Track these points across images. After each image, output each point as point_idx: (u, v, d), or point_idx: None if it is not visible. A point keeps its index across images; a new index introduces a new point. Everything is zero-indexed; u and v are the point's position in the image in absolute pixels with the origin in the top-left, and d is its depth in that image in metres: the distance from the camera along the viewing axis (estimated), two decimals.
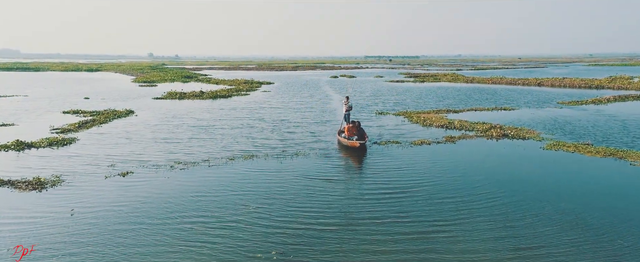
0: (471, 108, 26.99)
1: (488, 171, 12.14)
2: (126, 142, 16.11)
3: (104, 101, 31.20)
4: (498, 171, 12.27)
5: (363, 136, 15.55)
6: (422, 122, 20.95)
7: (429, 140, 16.47)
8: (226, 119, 22.08)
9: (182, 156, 14.01)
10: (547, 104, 28.91)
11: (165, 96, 34.54)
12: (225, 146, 15.57)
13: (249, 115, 23.57)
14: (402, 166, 12.72)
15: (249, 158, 13.69)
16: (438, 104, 29.20)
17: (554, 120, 21.37)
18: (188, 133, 18.09)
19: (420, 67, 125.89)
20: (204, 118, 22.48)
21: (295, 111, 25.62)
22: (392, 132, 18.61)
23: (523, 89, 42.87)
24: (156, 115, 23.82)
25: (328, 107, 27.83)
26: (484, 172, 11.99)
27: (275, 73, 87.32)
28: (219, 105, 29.26)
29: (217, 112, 24.85)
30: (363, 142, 14.74)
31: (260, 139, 16.89)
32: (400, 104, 29.78)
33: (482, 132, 18.12)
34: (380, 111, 25.47)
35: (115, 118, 22.42)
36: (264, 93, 39.06)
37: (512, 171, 12.24)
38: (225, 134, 17.89)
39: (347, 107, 18.72)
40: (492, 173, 11.95)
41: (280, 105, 28.63)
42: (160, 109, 26.79)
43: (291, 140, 16.65)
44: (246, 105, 28.97)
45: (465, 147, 15.47)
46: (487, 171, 12.21)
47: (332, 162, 13.35)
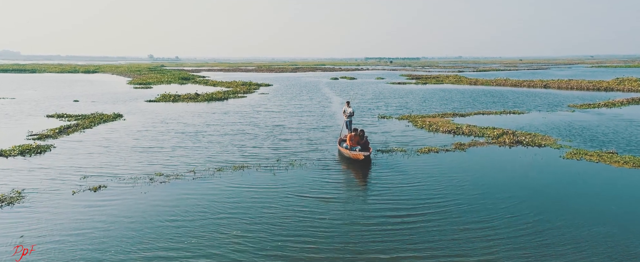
0: (478, 111, 25.64)
1: (508, 186, 10.74)
2: (105, 151, 14.69)
3: (93, 104, 29.86)
4: (519, 186, 10.85)
5: (367, 146, 13.98)
6: (428, 127, 19.59)
7: (437, 147, 15.10)
8: (217, 125, 20.62)
9: (164, 166, 12.61)
10: (557, 107, 27.55)
11: (159, 99, 33.24)
12: (213, 155, 14.15)
13: (242, 120, 22.12)
14: (410, 180, 11.27)
15: (238, 169, 12.30)
16: (443, 107, 27.85)
17: (569, 126, 19.97)
18: (174, 140, 16.67)
19: (422, 68, 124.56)
20: (193, 123, 21.02)
21: (292, 115, 24.18)
22: (397, 138, 17.24)
23: (529, 91, 41.52)
24: (145, 119, 22.45)
25: (327, 111, 26.47)
26: (503, 188, 10.58)
27: (274, 75, 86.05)
28: (213, 108, 27.91)
29: (208, 117, 23.41)
30: (368, 154, 12.96)
31: (252, 147, 15.41)
32: (403, 107, 28.40)
33: (494, 139, 16.75)
34: (383, 115, 24.07)
35: (101, 123, 21.06)
36: (262, 95, 37.73)
37: (535, 186, 10.82)
38: (214, 141, 16.44)
39: (348, 113, 17.14)
40: (512, 189, 10.54)
41: (277, 109, 27.22)
42: (151, 112, 25.44)
43: (286, 149, 15.18)
44: (241, 108, 27.59)
45: (477, 156, 14.07)
46: (506, 186, 10.81)
47: (330, 176, 11.83)
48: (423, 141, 16.65)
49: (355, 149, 13.60)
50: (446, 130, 18.91)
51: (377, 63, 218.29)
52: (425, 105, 29.05)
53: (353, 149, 13.66)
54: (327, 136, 17.65)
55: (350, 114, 17.04)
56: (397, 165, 12.82)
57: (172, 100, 33.00)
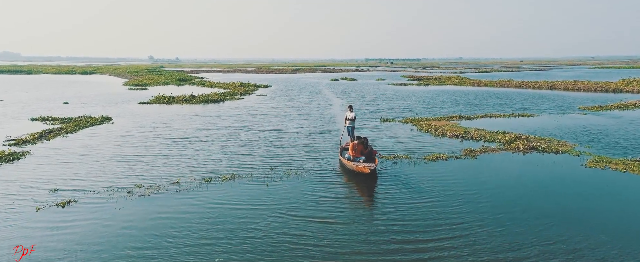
0: (485, 114, 24.44)
1: (532, 203, 9.46)
2: (82, 159, 13.42)
3: (84, 106, 28.65)
4: (544, 202, 9.58)
5: (372, 156, 12.60)
6: (434, 132, 18.41)
7: (445, 154, 13.90)
8: (209, 129, 19.31)
9: (145, 177, 11.39)
10: (568, 110, 26.30)
11: (153, 101, 32.06)
12: (201, 164, 12.89)
13: (235, 124, 20.77)
14: (419, 195, 9.98)
15: (227, 180, 11.08)
16: (448, 110, 26.61)
17: (584, 130, 18.72)
18: (160, 147, 15.38)
19: (423, 69, 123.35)
20: (183, 128, 19.68)
21: (289, 119, 22.83)
22: (401, 143, 16.03)
23: (535, 92, 40.32)
24: (134, 123, 21.20)
25: (327, 114, 25.21)
26: (528, 206, 9.28)
27: (274, 76, 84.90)
28: (207, 111, 26.73)
29: (200, 120, 22.10)
30: (374, 167, 11.34)
31: (244, 155, 14.09)
32: (406, 109, 27.17)
33: (506, 145, 15.52)
34: (386, 118, 22.82)
35: (87, 126, 19.84)
36: (259, 97, 36.53)
37: (563, 202, 9.55)
38: (204, 148, 15.13)
39: (350, 119, 15.63)
40: (538, 206, 9.26)
41: (274, 112, 25.92)
42: (142, 115, 24.22)
43: (282, 157, 13.87)
44: (236, 111, 26.33)
45: (490, 165, 12.85)
46: (530, 202, 9.52)
47: (330, 191, 10.42)
48: (430, 147, 15.46)
49: (359, 160, 12.18)
50: (453, 134, 17.72)
51: (378, 64, 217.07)
52: (429, 108, 27.83)
53: (357, 160, 12.28)
54: (327, 142, 16.37)
55: (352, 120, 15.58)
56: (404, 176, 11.57)
57: (167, 102, 31.84)
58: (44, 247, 7.25)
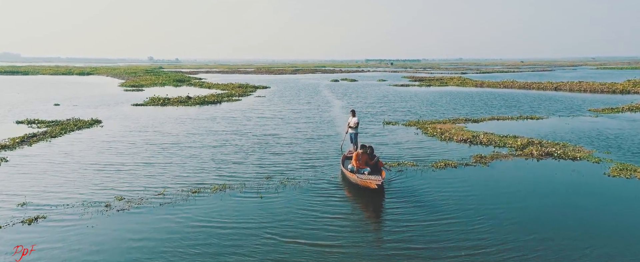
0: (492, 117, 23.43)
1: (559, 220, 8.45)
2: (61, 168, 12.33)
3: (74, 108, 27.63)
4: (572, 219, 8.56)
5: (378, 167, 11.27)
6: (440, 136, 17.40)
7: (454, 161, 12.89)
8: (201, 133, 18.18)
9: (128, 188, 10.37)
10: (577, 112, 25.27)
11: (147, 102, 31.06)
12: (190, 173, 11.83)
13: (230, 128, 19.65)
14: (431, 210, 8.92)
15: (217, 191, 10.05)
16: (453, 112, 25.59)
17: (599, 134, 17.67)
18: (147, 153, 14.25)
19: (423, 70, 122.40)
20: (174, 132, 18.56)
21: (287, 122, 21.70)
22: (406, 149, 15.02)
23: (541, 93, 39.32)
24: (124, 126, 20.14)
25: (327, 117, 24.15)
26: (555, 223, 8.26)
27: (273, 77, 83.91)
28: (202, 113, 25.70)
29: (193, 124, 20.96)
30: (381, 181, 9.91)
31: (236, 163, 12.94)
32: (410, 111, 26.13)
33: (518, 150, 14.49)
34: (389, 121, 21.77)
35: (74, 130, 18.80)
36: (258, 99, 35.53)
37: (594, 219, 8.54)
38: (194, 155, 13.97)
39: (353, 124, 14.41)
40: (567, 224, 8.24)
41: (271, 114, 24.84)
42: (133, 118, 23.17)
43: (277, 165, 12.76)
44: (232, 114, 25.28)
45: (504, 174, 11.84)
46: (557, 219, 8.51)
47: (329, 206, 9.26)
48: (436, 152, 14.46)
49: (363, 172, 10.94)
50: (461, 139, 16.72)
51: (378, 65, 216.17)
52: (433, 110, 26.81)
53: (361, 172, 11.01)
54: (327, 149, 15.24)
55: (355, 126, 14.34)
56: (411, 187, 10.51)
57: (161, 103, 30.83)
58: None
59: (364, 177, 10.42)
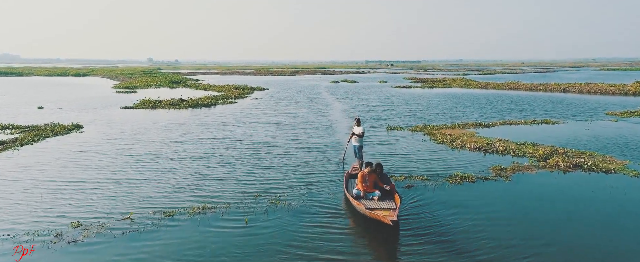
0: (504, 121, 21.86)
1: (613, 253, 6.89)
2: (11, 186, 10.54)
3: (58, 112, 26.02)
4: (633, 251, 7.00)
5: (393, 194, 9.09)
6: (451, 143, 15.79)
7: (472, 175, 11.28)
8: (186, 142, 16.37)
9: (89, 211, 8.70)
10: (595, 116, 23.60)
11: (137, 105, 29.49)
12: (165, 191, 10.12)
13: (219, 135, 17.86)
14: (452, 246, 7.27)
15: (196, 214, 8.41)
16: (461, 116, 23.92)
17: (628, 141, 16.01)
18: (121, 165, 12.55)
19: (424, 71, 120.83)
20: (157, 139, 16.81)
21: (283, 128, 19.90)
22: (415, 159, 13.42)
23: (550, 96, 37.76)
24: (104, 132, 18.45)
25: (327, 121, 22.40)
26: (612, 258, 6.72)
27: (272, 78, 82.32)
28: (194, 116, 23.98)
29: (180, 130, 19.16)
30: (396, 217, 7.59)
31: (221, 179, 11.16)
32: (415, 115, 24.50)
33: (541, 161, 12.89)
34: (393, 126, 20.15)
35: (50, 136, 17.18)
36: (254, 101, 33.91)
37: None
38: (173, 169, 12.17)
39: (358, 134, 12.40)
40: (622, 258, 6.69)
41: (266, 119, 23.01)
42: (118, 122, 21.52)
43: (268, 181, 11.01)
44: (225, 118, 23.51)
45: (531, 190, 10.22)
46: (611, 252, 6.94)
47: (328, 242, 7.47)
48: (449, 164, 12.88)
49: (372, 197, 9.03)
50: (474, 147, 15.11)
51: (378, 66, 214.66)
52: (440, 114, 25.18)
53: (369, 197, 9.08)
54: (327, 160, 13.43)
55: (360, 136, 12.32)
56: (426, 210, 8.80)
57: (152, 106, 29.27)
58: None
59: (374, 208, 8.43)
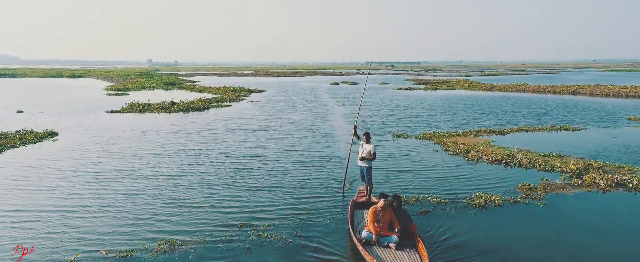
0: (519, 127, 20.11)
1: None
2: None
3: (38, 116, 24.19)
4: None
5: (415, 239, 6.92)
6: (465, 154, 14.03)
7: (497, 196, 9.48)
8: (164, 154, 14.35)
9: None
10: (616, 121, 21.76)
11: (125, 109, 27.74)
12: (127, 220, 8.32)
13: (203, 146, 15.88)
14: None
15: (160, 254, 6.66)
16: (472, 122, 22.08)
17: None
18: (74, 188, 10.48)
19: (425, 73, 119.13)
20: (131, 151, 14.82)
21: (277, 137, 17.97)
22: (427, 173, 11.71)
23: (560, 98, 36.00)
24: (78, 142, 16.59)
25: (326, 128, 20.58)
26: None
27: (271, 79, 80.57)
28: (183, 122, 22.09)
29: (161, 139, 17.23)
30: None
31: (197, 205, 9.21)
32: (421, 120, 22.72)
33: (575, 178, 11.16)
34: (399, 133, 18.34)
35: (17, 145, 15.43)
36: (249, 104, 32.10)
37: None
38: (140, 192, 10.17)
39: (366, 154, 9.69)
40: None
41: (260, 126, 21.07)
42: (99, 128, 19.72)
43: (255, 207, 9.14)
44: (214, 124, 21.64)
45: (570, 215, 8.55)
46: None
47: None
48: (467, 180, 11.12)
49: (388, 243, 6.78)
50: (493, 159, 13.36)
51: (379, 67, 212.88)
52: (448, 118, 23.39)
53: (384, 243, 6.82)
54: (325, 178, 11.48)
55: (368, 157, 9.42)
56: (449, 246, 7.04)
57: (140, 110, 27.53)
58: None
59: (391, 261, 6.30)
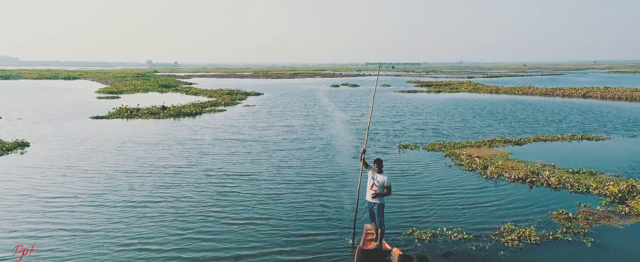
0: (536, 137, 18.34)
1: None
2: None
3: (15, 123, 22.39)
4: None
5: None
6: (482, 170, 12.34)
7: (532, 231, 7.80)
8: (136, 171, 12.45)
9: None
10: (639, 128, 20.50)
11: (111, 114, 26.06)
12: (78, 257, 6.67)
13: (184, 161, 13.86)
14: None
15: None
16: (483, 130, 20.32)
17: None
18: (15, 221, 8.76)
19: (426, 74, 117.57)
20: (100, 167, 12.94)
21: (270, 149, 16.02)
22: (441, 196, 9.99)
23: (572, 102, 34.29)
24: (45, 155, 14.80)
25: (326, 138, 18.74)
26: None
27: (270, 81, 78.94)
28: (170, 129, 20.30)
29: (137, 152, 15.35)
30: None
31: (154, 250, 7.39)
32: (429, 128, 20.91)
33: (620, 203, 9.47)
34: (405, 144, 16.55)
35: None
36: (245, 109, 30.35)
37: None
38: (81, 226, 8.28)
39: (378, 186, 7.35)
40: None
41: (253, 136, 19.02)
42: (76, 138, 18.01)
43: (234, 245, 7.45)
44: (202, 133, 19.74)
45: (629, 258, 6.93)
46: None
47: None
48: (491, 206, 9.35)
49: None
50: (515, 177, 11.61)
51: (379, 68, 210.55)
52: (456, 125, 21.62)
53: None
54: (325, 209, 9.53)
55: (380, 192, 7.34)
56: None
57: (128, 116, 25.83)
58: None
59: None
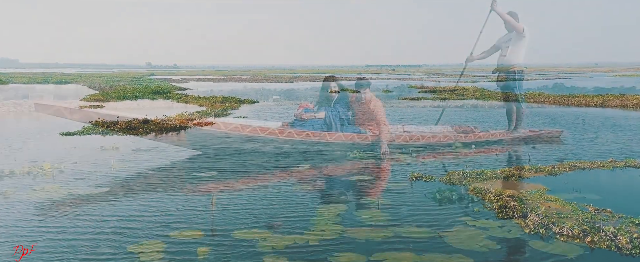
0: (570, 163, 15.70)
1: None
2: None
3: None
4: None
5: None
6: (521, 220, 9.25)
7: None
8: (54, 235, 7.39)
9: None
10: None
11: (84, 130, 23.37)
12: None
13: (127, 221, 8.44)
14: None
15: None
16: (501, 151, 17.79)
17: None
18: None
19: (428, 77, 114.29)
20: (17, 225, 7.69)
21: (257, 196, 11.28)
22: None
23: (591, 112, 30.74)
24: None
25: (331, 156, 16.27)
26: None
27: (268, 85, 76.17)
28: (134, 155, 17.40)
29: (66, 206, 12.66)
30: None
31: None
32: None
33: None
34: (418, 175, 14.05)
35: None
36: (237, 121, 27.98)
37: None
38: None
39: None
40: None
41: (233, 166, 16.73)
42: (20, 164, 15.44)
43: None
44: (173, 159, 16.30)
45: None
46: None
47: None
48: None
49: None
50: (570, 233, 8.90)
51: (380, 71, 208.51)
52: None
53: None
54: None
55: None
56: None
57: (102, 132, 23.14)
58: None
59: None
